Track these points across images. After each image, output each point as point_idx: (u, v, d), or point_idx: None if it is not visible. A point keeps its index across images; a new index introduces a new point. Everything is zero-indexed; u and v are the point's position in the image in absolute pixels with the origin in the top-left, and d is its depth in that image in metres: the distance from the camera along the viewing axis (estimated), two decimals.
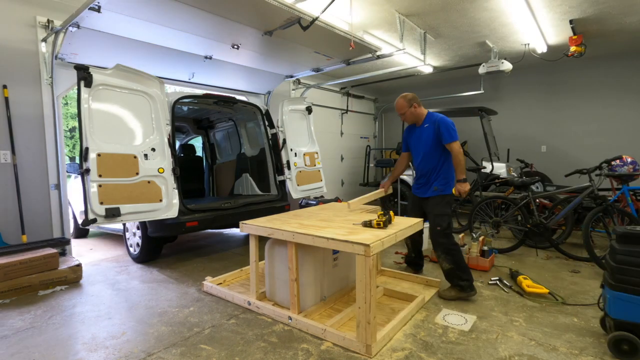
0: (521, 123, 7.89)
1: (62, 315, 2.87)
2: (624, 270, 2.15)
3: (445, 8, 4.51)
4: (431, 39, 5.59)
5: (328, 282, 2.96)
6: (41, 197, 3.98)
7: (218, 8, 3.29)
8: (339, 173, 8.72)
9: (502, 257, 4.32)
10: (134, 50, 4.07)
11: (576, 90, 7.24)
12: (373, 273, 2.24)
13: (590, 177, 4.19)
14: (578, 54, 5.29)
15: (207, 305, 3.05)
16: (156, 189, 3.61)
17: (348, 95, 8.80)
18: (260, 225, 2.83)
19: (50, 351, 2.34)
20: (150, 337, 2.51)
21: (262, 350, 2.31)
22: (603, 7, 4.53)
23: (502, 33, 5.38)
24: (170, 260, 4.41)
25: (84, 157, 3.19)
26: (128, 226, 4.45)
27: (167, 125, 3.79)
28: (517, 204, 4.40)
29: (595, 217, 3.90)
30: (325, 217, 3.10)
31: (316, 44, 4.30)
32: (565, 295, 3.13)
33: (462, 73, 7.73)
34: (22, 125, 3.85)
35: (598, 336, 2.42)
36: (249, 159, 5.67)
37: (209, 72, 5.05)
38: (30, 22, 3.85)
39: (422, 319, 2.72)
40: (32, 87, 3.90)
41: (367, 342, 2.23)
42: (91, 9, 3.00)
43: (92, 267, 4.15)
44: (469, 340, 2.40)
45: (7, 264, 3.22)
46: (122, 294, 3.32)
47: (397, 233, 2.55)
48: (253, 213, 4.38)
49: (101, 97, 3.36)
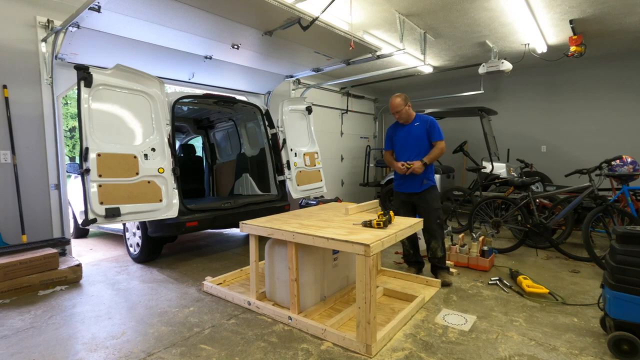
0: (521, 123, 7.89)
1: (62, 315, 2.87)
2: (624, 270, 2.15)
3: (445, 8, 4.51)
4: (431, 39, 5.59)
5: (328, 282, 2.96)
6: (41, 197, 3.98)
7: (218, 8, 3.29)
8: (339, 173, 8.72)
9: (502, 257, 4.32)
10: (134, 50, 4.07)
11: (576, 90, 7.24)
12: (373, 273, 2.24)
13: (590, 177, 4.19)
14: (578, 54, 5.29)
15: (207, 305, 3.05)
16: (156, 189, 3.61)
17: (348, 95, 8.80)
18: (260, 225, 2.83)
19: (50, 351, 2.34)
20: (150, 337, 2.51)
21: (262, 350, 2.31)
22: (603, 7, 4.53)
23: (502, 33, 5.38)
24: (170, 260, 4.41)
25: (84, 157, 3.19)
26: (128, 226, 4.45)
27: (167, 125, 3.79)
28: (517, 204, 4.40)
29: (595, 217, 3.90)
30: (325, 217, 3.10)
31: (316, 44, 4.30)
32: (565, 295, 3.13)
33: (462, 73, 7.73)
34: (22, 125, 3.85)
35: (598, 336, 2.42)
36: (249, 159, 5.67)
37: (209, 72, 5.05)
38: (30, 22, 3.85)
39: (422, 319, 2.72)
40: (32, 87, 3.90)
41: (367, 342, 2.23)
42: (91, 9, 3.00)
43: (92, 267, 4.15)
44: (469, 340, 2.40)
45: (7, 264, 3.22)
46: (122, 294, 3.32)
47: (397, 233, 2.55)
48: (253, 213, 4.38)
49: (101, 97, 3.36)
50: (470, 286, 3.37)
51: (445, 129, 3.86)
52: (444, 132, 3.60)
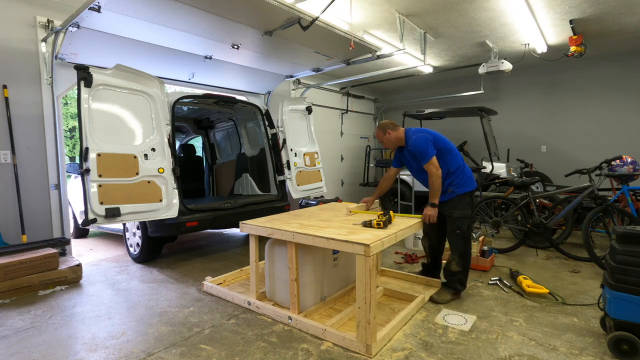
0: (521, 123, 7.89)
1: (62, 315, 2.87)
2: (624, 270, 2.15)
3: (445, 8, 4.51)
4: (431, 39, 5.59)
5: (328, 282, 2.96)
6: (41, 197, 3.98)
7: (218, 8, 3.29)
8: (339, 173, 8.72)
9: (502, 257, 4.31)
10: (134, 50, 4.06)
11: (576, 90, 7.24)
12: (373, 273, 2.24)
13: (590, 177, 4.19)
14: (578, 54, 5.29)
15: (207, 305, 3.05)
16: (156, 189, 3.61)
17: (348, 95, 8.80)
18: (260, 225, 2.83)
19: (50, 351, 2.34)
20: (150, 337, 2.51)
21: (262, 350, 2.31)
22: (603, 7, 4.53)
23: (502, 33, 5.38)
24: (170, 260, 4.41)
25: (84, 157, 3.19)
26: (128, 226, 4.45)
27: (167, 125, 3.78)
28: (517, 204, 4.40)
29: (595, 217, 3.90)
30: (325, 217, 3.10)
31: (316, 44, 4.30)
32: (565, 295, 3.13)
33: (462, 73, 7.73)
34: (22, 125, 3.85)
35: (598, 336, 2.42)
36: (249, 159, 5.67)
37: (209, 72, 5.05)
38: (30, 22, 3.85)
39: (422, 319, 2.72)
40: (32, 87, 3.90)
41: (367, 342, 2.23)
42: (91, 9, 2.99)
43: (92, 267, 4.15)
44: (469, 340, 2.40)
45: (7, 264, 3.22)
46: (122, 294, 3.32)
47: (397, 233, 2.55)
48: (253, 213, 4.37)
49: (101, 97, 3.36)
50: (470, 286, 3.37)
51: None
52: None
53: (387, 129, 3.19)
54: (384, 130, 3.20)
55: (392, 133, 3.18)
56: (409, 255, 4.26)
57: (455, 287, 3.05)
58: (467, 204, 3.04)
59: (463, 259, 3.04)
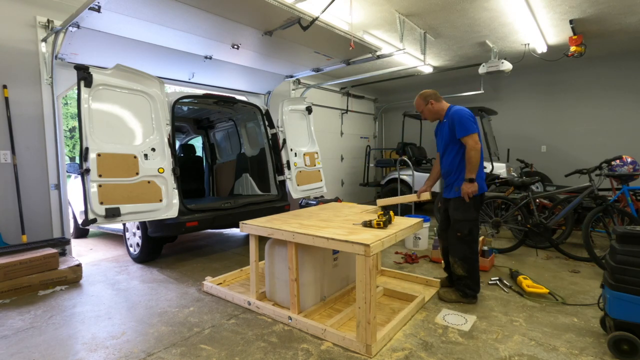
0: (521, 123, 7.90)
1: (62, 315, 2.87)
2: (624, 270, 2.15)
3: (445, 8, 4.51)
4: (431, 39, 5.59)
5: (328, 282, 2.96)
6: (41, 197, 3.98)
7: (218, 8, 3.29)
8: (339, 173, 8.72)
9: (502, 257, 4.31)
10: (134, 50, 4.06)
11: (576, 90, 7.24)
12: (373, 273, 2.24)
13: (590, 177, 4.19)
14: (578, 54, 5.29)
15: (207, 305, 3.05)
16: (156, 189, 3.61)
17: (348, 95, 8.80)
18: (260, 225, 2.83)
19: (50, 351, 2.34)
20: (150, 337, 2.51)
21: (262, 350, 2.31)
22: (603, 7, 4.53)
23: (502, 33, 5.39)
24: (170, 260, 4.41)
25: (84, 157, 3.19)
26: (128, 226, 4.45)
27: (167, 125, 3.78)
28: (517, 204, 4.40)
29: (595, 217, 3.90)
30: (325, 217, 3.10)
31: (316, 44, 4.30)
32: (565, 295, 3.13)
33: (462, 73, 7.74)
34: (22, 125, 3.85)
35: (598, 336, 2.42)
36: (249, 159, 5.67)
37: (209, 72, 5.05)
38: (30, 22, 3.85)
39: (422, 319, 2.72)
40: (32, 87, 3.90)
41: (367, 342, 2.23)
42: (91, 9, 3.00)
43: (92, 267, 4.15)
44: (469, 340, 2.40)
45: (7, 264, 3.22)
46: (122, 294, 3.32)
47: (397, 233, 2.55)
48: (253, 213, 4.38)
49: (101, 97, 3.36)
50: None
51: None
52: None
53: (430, 99, 3.08)
54: (426, 100, 3.09)
55: (435, 104, 3.08)
56: (409, 255, 4.26)
57: (463, 291, 2.96)
58: (469, 206, 2.89)
59: (467, 264, 2.91)
